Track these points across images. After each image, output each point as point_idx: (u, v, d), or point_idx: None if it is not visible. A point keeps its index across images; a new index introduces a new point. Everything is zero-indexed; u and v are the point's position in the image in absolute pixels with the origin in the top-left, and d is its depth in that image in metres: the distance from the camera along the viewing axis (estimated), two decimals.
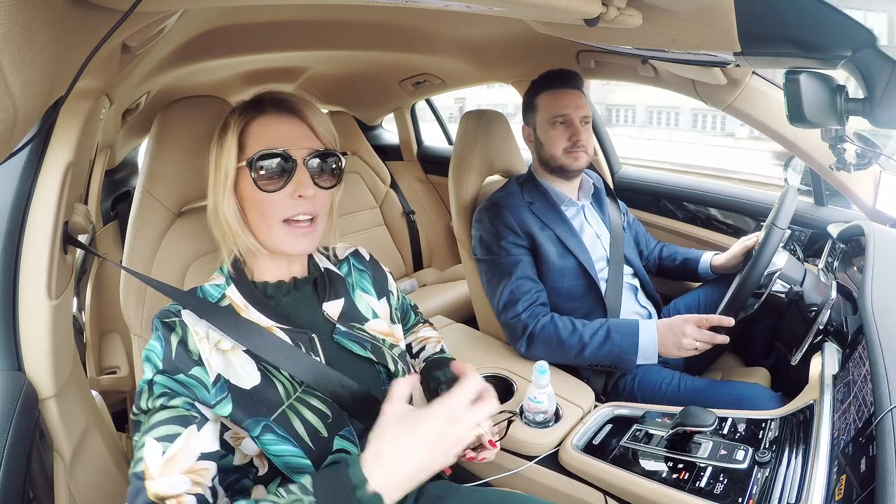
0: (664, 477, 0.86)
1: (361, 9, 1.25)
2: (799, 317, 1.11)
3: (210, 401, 0.64)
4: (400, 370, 0.81)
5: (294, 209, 0.70)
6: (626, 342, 1.16)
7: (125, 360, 1.65)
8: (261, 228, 0.71)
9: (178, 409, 0.61)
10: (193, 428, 0.60)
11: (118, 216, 1.94)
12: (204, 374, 0.64)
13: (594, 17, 0.69)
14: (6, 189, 0.74)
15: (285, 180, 0.69)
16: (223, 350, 0.67)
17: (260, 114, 0.71)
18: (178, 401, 0.62)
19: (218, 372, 0.65)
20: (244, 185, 0.70)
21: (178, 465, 0.58)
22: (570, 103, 1.30)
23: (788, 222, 1.13)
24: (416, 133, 2.71)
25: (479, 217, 1.36)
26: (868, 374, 0.73)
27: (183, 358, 0.64)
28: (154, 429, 0.59)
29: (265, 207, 0.69)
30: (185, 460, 0.59)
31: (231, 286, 0.73)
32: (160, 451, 0.58)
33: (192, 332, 0.66)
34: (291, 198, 0.69)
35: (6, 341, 0.75)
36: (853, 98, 0.79)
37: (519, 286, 1.26)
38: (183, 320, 0.67)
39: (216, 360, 0.66)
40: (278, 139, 0.69)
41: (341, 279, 0.83)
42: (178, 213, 0.88)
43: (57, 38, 0.43)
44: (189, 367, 0.64)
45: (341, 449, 0.71)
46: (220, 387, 0.65)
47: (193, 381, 0.64)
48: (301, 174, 0.70)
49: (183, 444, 0.59)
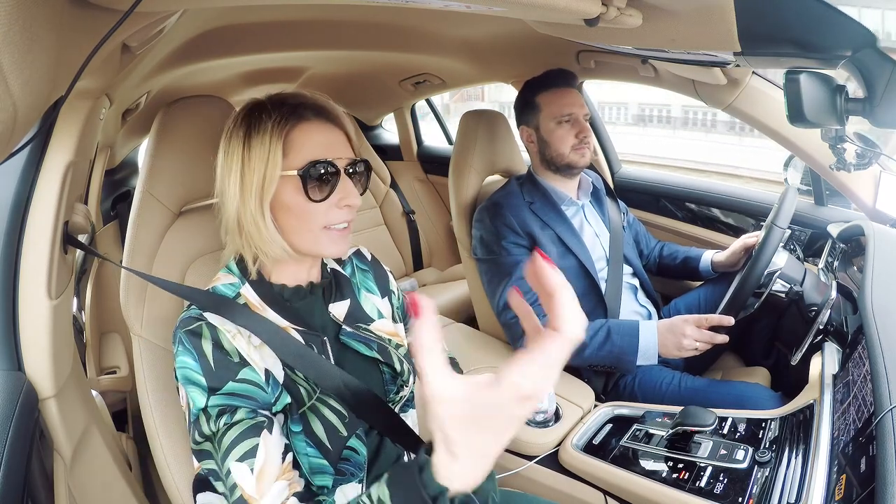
0: (664, 477, 0.86)
1: (361, 9, 1.25)
2: (799, 317, 1.11)
3: (269, 399, 0.63)
4: (406, 370, 0.81)
5: (339, 217, 0.69)
6: (626, 343, 1.16)
7: (125, 360, 1.64)
8: (300, 234, 0.69)
9: (245, 422, 0.60)
10: (266, 433, 0.60)
11: (118, 216, 1.94)
12: (253, 373, 0.63)
13: (594, 17, 0.69)
14: (6, 189, 0.74)
15: (330, 189, 0.68)
16: (255, 345, 0.66)
17: (302, 120, 0.68)
18: (240, 414, 0.60)
19: (264, 367, 0.65)
20: (286, 192, 0.67)
21: (269, 475, 0.58)
22: (575, 102, 1.32)
23: (788, 222, 1.13)
24: (416, 133, 2.71)
25: (479, 217, 1.36)
26: (868, 373, 0.73)
27: (224, 363, 0.62)
28: (232, 450, 0.58)
29: (309, 216, 0.68)
30: (273, 468, 0.59)
31: (246, 285, 0.71)
32: (248, 470, 0.57)
33: (222, 332, 0.64)
34: (337, 207, 0.69)
35: (6, 341, 0.75)
36: (853, 98, 0.79)
37: (519, 286, 1.26)
38: (209, 322, 0.65)
39: (256, 356, 0.65)
40: (323, 147, 0.68)
41: (347, 280, 0.83)
42: (178, 212, 0.88)
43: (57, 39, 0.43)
44: (235, 373, 0.62)
45: (352, 447, 0.72)
46: (273, 382, 0.64)
47: (246, 384, 0.62)
48: (345, 183, 0.69)
49: (264, 453, 0.58)
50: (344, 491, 0.72)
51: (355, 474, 0.73)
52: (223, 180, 0.69)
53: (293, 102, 0.69)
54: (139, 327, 0.84)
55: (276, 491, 0.58)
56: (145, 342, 0.84)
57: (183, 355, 0.63)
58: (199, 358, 0.62)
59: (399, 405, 0.82)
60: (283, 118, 0.67)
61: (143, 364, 0.84)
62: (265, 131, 0.66)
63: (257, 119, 0.67)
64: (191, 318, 0.66)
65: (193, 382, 0.62)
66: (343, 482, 0.72)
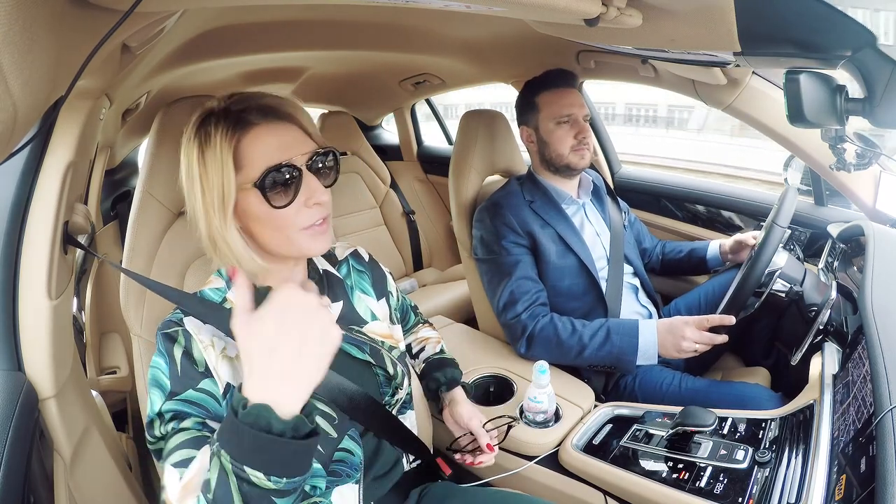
0: (664, 477, 0.86)
1: (361, 9, 1.25)
2: (799, 317, 1.11)
3: (222, 412, 0.62)
4: (399, 372, 0.81)
5: (311, 217, 0.66)
6: (626, 343, 1.16)
7: (125, 360, 1.64)
8: (276, 241, 0.67)
9: (190, 432, 0.60)
10: (205, 449, 0.58)
11: (118, 216, 1.94)
12: (213, 385, 0.63)
13: (594, 17, 0.69)
14: (6, 189, 0.74)
15: (294, 191, 0.65)
16: (230, 357, 0.66)
17: (249, 126, 0.64)
18: (188, 422, 0.60)
19: (227, 381, 0.64)
20: (249, 204, 0.65)
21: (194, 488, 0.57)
22: (575, 102, 1.32)
23: (789, 221, 1.13)
24: (415, 133, 2.71)
25: (479, 217, 1.36)
26: (868, 374, 0.73)
27: (189, 372, 0.62)
28: (171, 454, 0.59)
29: (279, 222, 0.65)
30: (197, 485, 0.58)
31: (232, 290, 0.71)
32: (178, 477, 0.57)
33: (196, 341, 0.64)
34: (306, 206, 0.66)
35: (6, 341, 0.75)
36: (853, 98, 0.79)
37: (519, 286, 1.26)
38: (186, 329, 0.65)
39: (223, 369, 0.64)
40: (278, 150, 0.64)
41: (340, 281, 0.83)
42: (178, 213, 0.88)
43: (57, 38, 0.43)
44: (197, 381, 0.62)
45: (346, 448, 0.72)
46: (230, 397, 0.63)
47: (203, 394, 0.62)
48: (309, 181, 0.66)
49: (198, 467, 0.57)
50: (341, 492, 0.72)
51: (351, 475, 0.73)
52: (188, 196, 0.67)
53: (238, 108, 0.65)
54: (139, 327, 0.84)
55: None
56: (145, 342, 0.84)
57: (157, 356, 0.64)
58: (170, 363, 0.63)
59: (396, 407, 0.82)
60: (229, 129, 0.64)
61: (143, 364, 0.84)
62: (215, 145, 0.63)
63: (206, 132, 0.64)
64: (171, 321, 0.66)
65: (158, 385, 0.62)
66: (339, 483, 0.71)
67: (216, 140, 0.63)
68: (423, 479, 0.88)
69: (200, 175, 0.64)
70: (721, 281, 1.42)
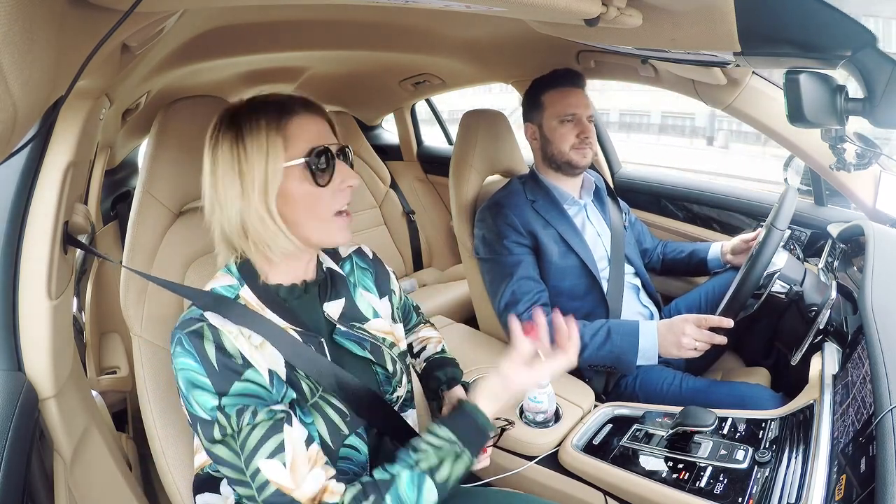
0: (664, 477, 0.86)
1: (361, 9, 1.25)
2: (799, 317, 1.11)
3: (276, 398, 0.65)
4: (398, 370, 0.81)
5: (343, 199, 0.73)
6: (627, 343, 1.16)
7: (125, 360, 1.64)
8: (309, 224, 0.71)
9: (266, 422, 0.62)
10: (287, 427, 0.63)
11: (118, 216, 1.94)
12: (257, 374, 0.64)
13: (594, 17, 0.69)
14: (6, 189, 0.74)
15: (332, 173, 0.71)
16: (256, 345, 0.67)
17: (294, 114, 0.71)
18: (262, 414, 0.62)
19: (267, 367, 0.66)
20: (291, 184, 0.69)
21: (301, 466, 0.61)
22: (579, 102, 1.33)
23: (788, 223, 1.13)
24: (416, 133, 2.70)
25: (481, 216, 1.37)
26: (868, 374, 0.73)
27: (228, 365, 0.63)
28: (258, 450, 0.61)
29: (317, 202, 0.70)
30: (303, 457, 0.62)
31: (244, 287, 0.72)
32: (281, 465, 0.60)
33: (224, 334, 0.65)
34: (339, 189, 0.72)
35: (6, 341, 0.75)
36: (853, 98, 0.79)
37: (521, 286, 1.26)
38: (210, 323, 0.65)
39: (258, 356, 0.66)
40: (317, 136, 0.71)
41: (343, 278, 0.83)
42: (178, 212, 0.88)
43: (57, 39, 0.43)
44: (239, 374, 0.63)
45: (351, 445, 0.72)
46: (276, 381, 0.66)
47: (251, 384, 0.63)
48: (342, 166, 0.72)
49: (291, 447, 0.61)
50: None
51: (358, 474, 0.73)
52: (216, 189, 0.69)
53: (279, 100, 0.71)
54: (139, 327, 0.84)
55: (313, 478, 0.61)
56: (145, 342, 0.84)
57: (183, 356, 0.63)
58: (202, 360, 0.62)
59: (397, 405, 0.82)
60: (277, 114, 0.69)
61: (143, 364, 0.84)
62: (259, 129, 0.67)
63: (247, 120, 0.68)
64: (192, 318, 0.66)
65: (198, 385, 0.62)
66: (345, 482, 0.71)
67: (262, 123, 0.68)
68: None
69: (239, 159, 0.67)
70: (722, 281, 1.42)
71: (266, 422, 0.62)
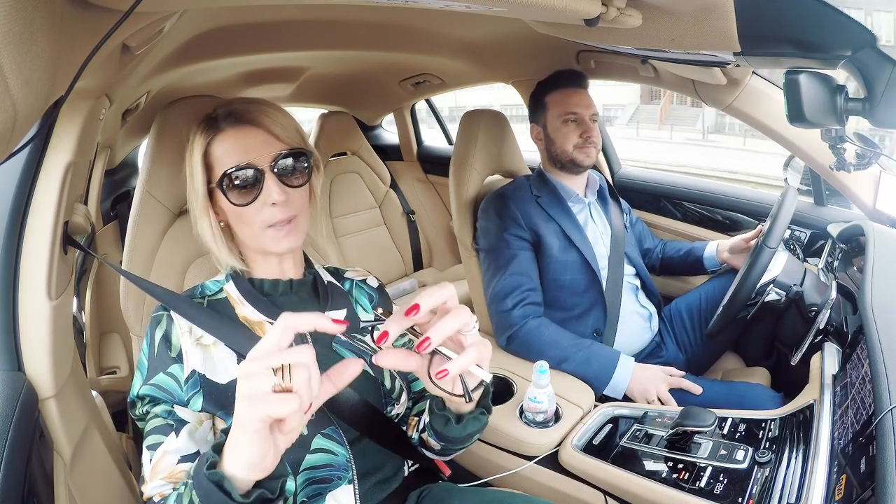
0: (664, 477, 0.86)
1: (361, 9, 1.25)
2: (799, 317, 1.11)
3: (183, 398, 0.67)
4: (396, 386, 0.80)
5: (273, 215, 0.71)
6: (602, 373, 1.19)
7: (125, 360, 1.64)
8: (247, 235, 0.74)
9: (159, 419, 0.66)
10: (172, 435, 0.65)
11: (118, 216, 1.94)
12: (179, 370, 0.68)
13: (594, 17, 0.69)
14: (6, 189, 0.74)
15: (256, 192, 0.70)
16: (205, 345, 0.69)
17: (217, 133, 0.72)
18: (158, 408, 0.66)
19: (193, 367, 0.68)
20: (220, 202, 0.73)
21: (160, 471, 0.63)
22: (581, 102, 1.35)
23: (781, 240, 1.13)
24: (416, 133, 2.70)
25: (485, 206, 1.39)
26: (868, 374, 0.73)
27: (163, 355, 0.68)
28: (147, 437, 0.66)
29: (246, 218, 0.72)
30: (166, 466, 0.64)
31: (230, 282, 0.76)
32: (149, 459, 0.64)
33: (176, 326, 0.69)
34: (266, 206, 0.71)
35: (6, 341, 0.75)
36: (853, 98, 0.78)
37: (511, 281, 1.28)
38: (170, 314, 0.70)
39: (195, 355, 0.68)
40: (241, 152, 0.70)
41: (343, 292, 0.84)
42: (178, 212, 0.88)
43: (57, 38, 0.43)
44: (167, 365, 0.67)
45: (323, 448, 0.70)
46: (192, 382, 0.67)
47: (170, 379, 0.67)
48: (270, 182, 0.70)
49: (163, 451, 0.64)
50: (335, 496, 0.70)
51: (343, 477, 0.71)
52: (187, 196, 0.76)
53: (213, 115, 0.73)
54: (139, 327, 0.84)
55: (157, 484, 0.63)
56: None
57: (145, 340, 0.70)
58: (150, 345, 0.69)
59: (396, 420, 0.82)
60: (202, 135, 0.72)
61: None
62: (193, 149, 0.72)
63: (189, 138, 0.74)
64: (161, 307, 0.72)
65: (139, 367, 0.69)
66: (332, 488, 0.70)
67: (195, 144, 0.72)
68: (422, 481, 0.87)
69: (188, 175, 0.74)
70: (722, 281, 1.42)
71: (158, 418, 0.66)
